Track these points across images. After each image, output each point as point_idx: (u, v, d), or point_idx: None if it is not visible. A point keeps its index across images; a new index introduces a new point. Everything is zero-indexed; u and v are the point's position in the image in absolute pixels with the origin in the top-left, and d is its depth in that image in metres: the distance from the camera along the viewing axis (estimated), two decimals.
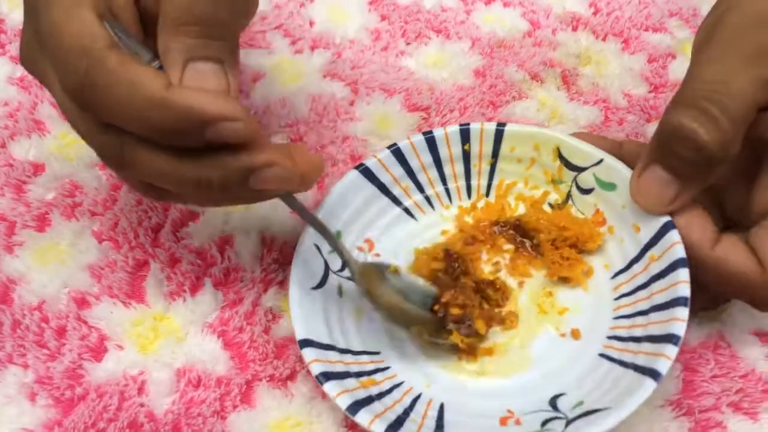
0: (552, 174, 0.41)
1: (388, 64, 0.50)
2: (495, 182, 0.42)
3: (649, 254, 0.37)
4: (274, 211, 0.43)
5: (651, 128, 0.47)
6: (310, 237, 0.38)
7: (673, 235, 0.35)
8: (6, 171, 0.44)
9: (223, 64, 0.31)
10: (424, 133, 0.41)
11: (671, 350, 0.33)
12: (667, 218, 0.36)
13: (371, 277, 0.37)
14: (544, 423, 0.34)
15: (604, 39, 0.52)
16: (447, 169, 0.42)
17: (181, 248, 0.41)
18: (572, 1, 0.54)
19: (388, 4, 0.53)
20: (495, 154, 0.41)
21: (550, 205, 0.42)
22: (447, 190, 0.42)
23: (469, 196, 0.43)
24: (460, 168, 0.42)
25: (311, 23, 0.52)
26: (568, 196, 0.41)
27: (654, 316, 0.35)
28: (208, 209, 0.43)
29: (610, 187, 0.39)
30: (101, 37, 0.29)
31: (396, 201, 0.41)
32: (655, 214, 0.36)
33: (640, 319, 0.36)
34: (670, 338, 0.33)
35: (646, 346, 0.35)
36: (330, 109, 0.48)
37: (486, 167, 0.42)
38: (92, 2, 0.30)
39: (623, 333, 0.37)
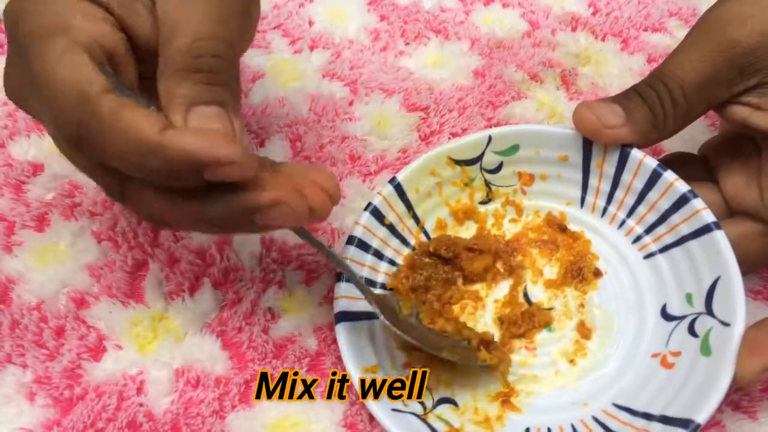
0: (462, 180, 0.42)
1: (387, 64, 0.50)
2: (427, 226, 0.41)
3: (593, 163, 0.39)
4: None
5: None
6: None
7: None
8: (5, 171, 0.44)
9: (226, 108, 0.30)
10: (349, 240, 0.38)
11: (698, 203, 0.35)
12: (573, 130, 0.38)
13: (390, 309, 0.36)
14: (692, 332, 0.35)
15: (603, 39, 0.52)
16: (389, 252, 0.40)
17: (180, 248, 0.41)
18: (571, 2, 0.54)
19: (387, 5, 0.53)
20: (409, 206, 0.41)
21: (482, 202, 0.42)
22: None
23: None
24: (395, 242, 0.40)
25: (310, 23, 0.52)
26: (487, 184, 0.42)
27: (651, 195, 0.37)
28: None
29: (514, 149, 0.40)
30: (95, 83, 0.28)
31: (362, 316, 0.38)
32: (591, 132, 0.37)
33: (641, 209, 0.38)
34: (682, 199, 0.35)
35: (675, 218, 0.36)
36: (329, 109, 0.48)
37: (411, 222, 0.41)
38: (87, 47, 0.29)
39: (639, 229, 0.39)
